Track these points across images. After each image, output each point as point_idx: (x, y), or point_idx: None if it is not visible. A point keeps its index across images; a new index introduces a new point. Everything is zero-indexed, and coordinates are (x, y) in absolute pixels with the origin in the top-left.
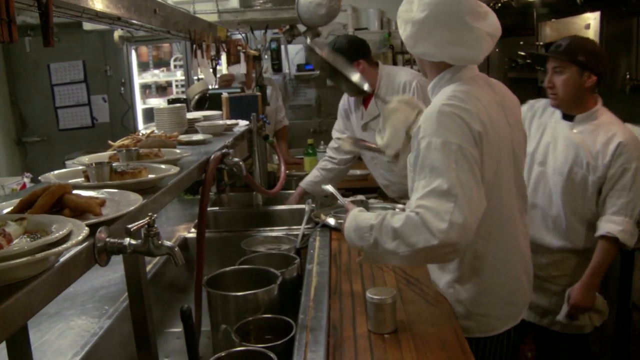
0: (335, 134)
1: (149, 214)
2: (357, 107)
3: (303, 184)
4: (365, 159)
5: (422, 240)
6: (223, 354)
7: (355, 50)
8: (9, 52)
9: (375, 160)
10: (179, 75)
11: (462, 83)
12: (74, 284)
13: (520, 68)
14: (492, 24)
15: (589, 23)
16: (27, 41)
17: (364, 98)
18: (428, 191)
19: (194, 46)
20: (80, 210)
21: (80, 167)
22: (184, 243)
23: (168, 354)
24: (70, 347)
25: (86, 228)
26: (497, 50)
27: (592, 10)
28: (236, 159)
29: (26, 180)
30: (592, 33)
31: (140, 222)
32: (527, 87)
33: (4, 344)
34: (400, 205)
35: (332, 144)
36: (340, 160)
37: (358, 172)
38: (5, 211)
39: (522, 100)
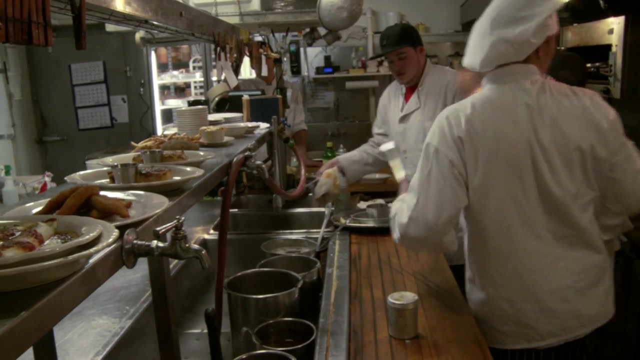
0: (374, 129)
1: (177, 216)
2: (396, 98)
3: (340, 157)
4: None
5: (395, 231)
6: (244, 357)
7: (419, 36)
8: (32, 52)
9: (406, 154)
10: (198, 76)
11: (491, 88)
12: None
13: None
14: (519, 31)
15: (612, 28)
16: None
17: (406, 90)
18: (409, 186)
19: (218, 48)
20: (107, 212)
21: (105, 168)
22: (203, 244)
23: (187, 355)
24: (92, 346)
25: (116, 230)
26: None
27: (616, 14)
28: (258, 162)
29: (47, 179)
30: (616, 38)
31: (168, 224)
32: None
33: None
34: None
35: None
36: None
37: (377, 175)
38: (34, 211)
39: None
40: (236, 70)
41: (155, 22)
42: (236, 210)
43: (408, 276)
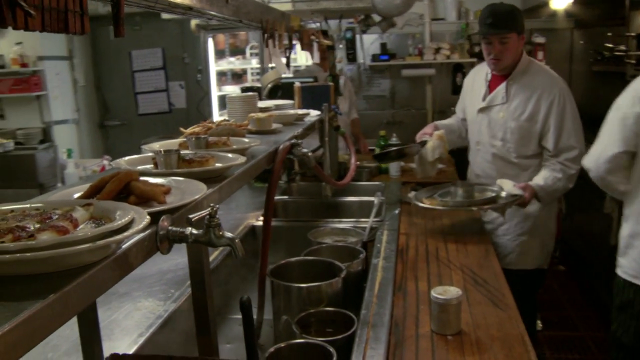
0: (458, 114)
1: (211, 204)
2: (480, 83)
3: (439, 123)
4: (472, 142)
5: None
6: (283, 345)
7: (524, 23)
8: (95, 40)
9: (479, 147)
10: (255, 63)
11: None
12: (143, 266)
13: (606, 61)
14: None
15: None
16: (111, 30)
17: (492, 77)
18: None
19: (266, 36)
20: (145, 198)
21: (150, 154)
22: (252, 231)
23: (230, 340)
24: (136, 327)
25: (147, 217)
26: (581, 42)
27: None
28: (305, 150)
29: (105, 162)
30: None
31: (202, 212)
32: (613, 81)
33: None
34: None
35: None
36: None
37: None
38: (75, 195)
39: (609, 96)
40: (288, 58)
41: (200, 10)
42: (286, 197)
43: (455, 270)
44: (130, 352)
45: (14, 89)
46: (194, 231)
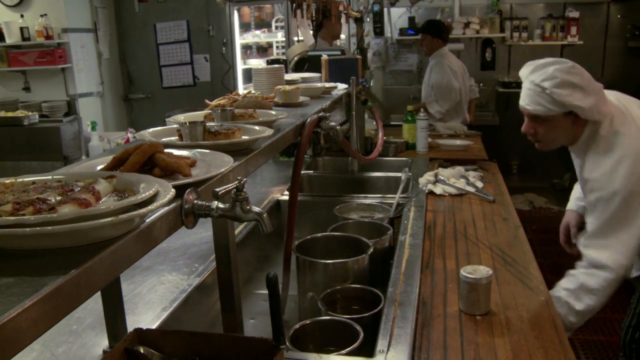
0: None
1: (238, 177)
2: None
3: None
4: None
5: None
6: (308, 322)
7: None
8: (120, 13)
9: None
10: (280, 36)
11: None
12: (167, 240)
13: None
14: None
15: None
16: (136, 2)
17: None
18: None
19: (294, 5)
20: (169, 170)
21: (175, 126)
22: (277, 205)
23: (254, 316)
24: (160, 301)
25: (172, 190)
26: (618, 16)
27: None
28: (333, 123)
29: (130, 135)
30: None
31: (229, 186)
32: None
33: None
34: None
35: None
36: None
37: (458, 142)
38: (98, 167)
39: None
40: (317, 29)
41: None
42: (311, 171)
43: (484, 248)
44: (154, 326)
45: (38, 62)
46: (221, 205)
